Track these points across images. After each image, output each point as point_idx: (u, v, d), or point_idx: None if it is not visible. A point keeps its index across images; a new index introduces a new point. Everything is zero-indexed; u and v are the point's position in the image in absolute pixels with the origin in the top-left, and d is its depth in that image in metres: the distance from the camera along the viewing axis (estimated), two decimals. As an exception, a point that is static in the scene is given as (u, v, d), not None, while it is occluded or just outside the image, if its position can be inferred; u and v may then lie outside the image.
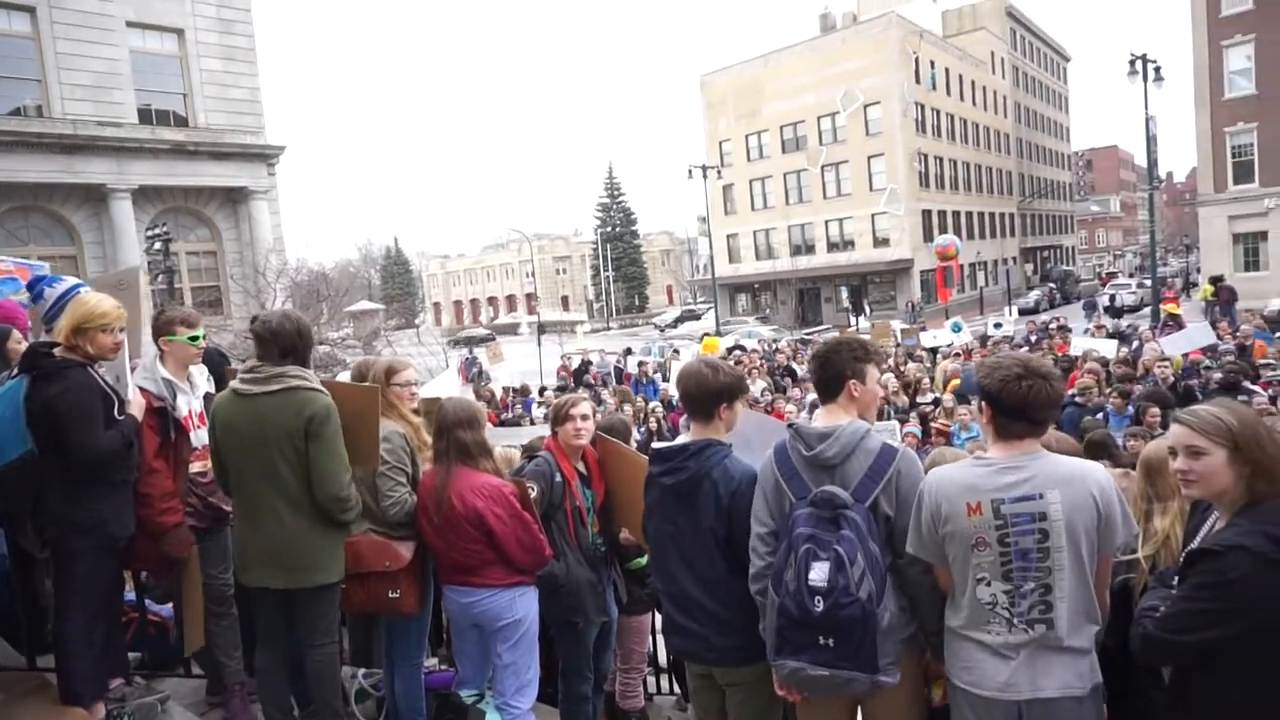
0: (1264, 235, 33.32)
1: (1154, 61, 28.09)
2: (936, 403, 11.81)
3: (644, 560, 4.23)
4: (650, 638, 4.71)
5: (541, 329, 36.18)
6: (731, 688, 3.04)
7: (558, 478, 3.89)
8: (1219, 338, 13.55)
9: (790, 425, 2.89)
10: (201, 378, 3.99)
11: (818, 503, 2.60)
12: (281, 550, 3.38)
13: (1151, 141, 30.36)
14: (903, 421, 10.30)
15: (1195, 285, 37.49)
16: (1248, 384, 9.45)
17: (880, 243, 46.72)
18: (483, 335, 49.46)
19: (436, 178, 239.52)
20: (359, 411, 3.53)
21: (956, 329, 18.74)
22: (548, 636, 4.11)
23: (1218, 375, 9.78)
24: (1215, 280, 27.75)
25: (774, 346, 24.55)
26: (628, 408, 12.76)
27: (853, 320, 39.70)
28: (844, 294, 48.53)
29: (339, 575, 3.50)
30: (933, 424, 10.84)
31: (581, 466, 4.03)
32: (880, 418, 9.68)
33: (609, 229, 76.22)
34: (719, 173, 49.07)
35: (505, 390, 17.16)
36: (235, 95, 20.42)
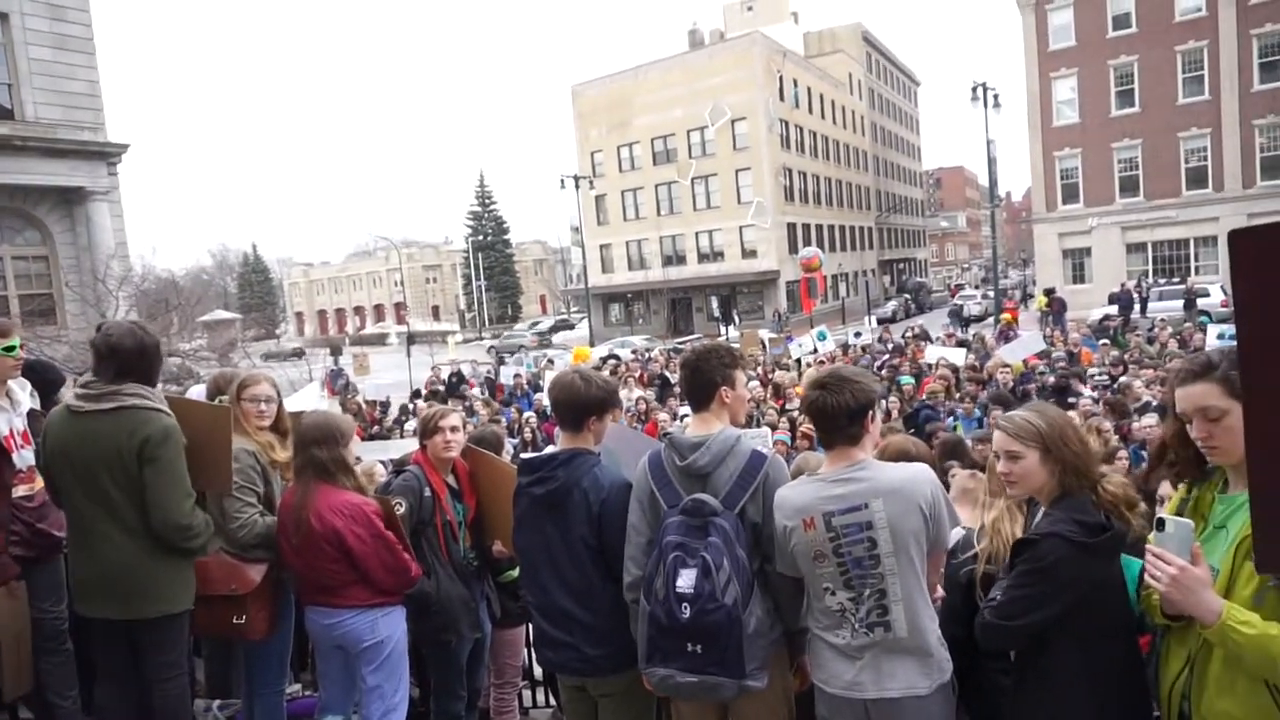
0: (1088, 251, 36.48)
1: (993, 89, 30.36)
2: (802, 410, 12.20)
3: (516, 573, 4.18)
4: (524, 650, 4.66)
5: (411, 339, 35.26)
6: (604, 698, 3.04)
7: (427, 492, 3.80)
8: (1052, 344, 14.71)
9: (665, 435, 2.93)
10: (23, 393, 3.68)
11: (688, 510, 2.65)
12: (119, 578, 3.15)
13: (992, 163, 32.69)
14: (773, 428, 10.60)
15: (1032, 296, 40.45)
16: (1078, 386, 10.30)
17: (748, 254, 48.07)
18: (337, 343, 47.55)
19: (298, 183, 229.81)
20: (209, 431, 3.33)
21: (821, 338, 19.44)
22: (419, 655, 4.00)
23: (1051, 379, 10.61)
24: (1048, 292, 30.14)
25: (647, 355, 24.81)
26: (484, 412, 12.61)
27: (722, 329, 40.59)
28: (714, 304, 49.60)
29: (186, 604, 3.29)
30: (800, 429, 11.21)
31: (452, 480, 3.95)
32: (750, 424, 9.95)
33: (481, 237, 75.12)
34: (591, 183, 49.32)
35: (370, 403, 16.59)
36: (71, 88, 18.85)
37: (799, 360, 18.21)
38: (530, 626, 4.15)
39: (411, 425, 11.86)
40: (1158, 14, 33.76)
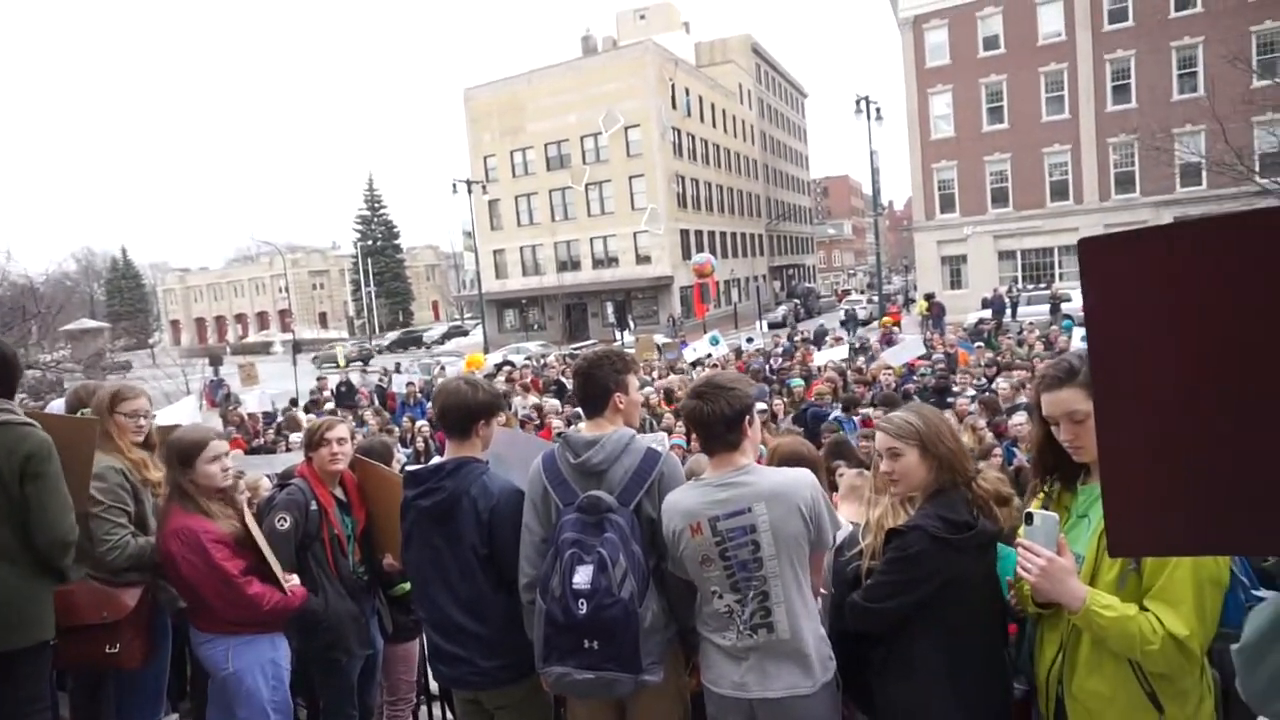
0: (964, 258, 38.47)
1: (876, 103, 31.64)
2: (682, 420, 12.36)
3: (409, 586, 4.08)
4: (419, 665, 4.55)
5: (297, 348, 33.99)
6: (500, 710, 3.01)
7: (313, 506, 3.66)
8: (931, 347, 15.42)
9: (559, 434, 2.93)
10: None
11: (584, 508, 2.65)
12: None
13: (875, 173, 34.07)
14: (669, 432, 10.70)
15: (913, 301, 42.30)
16: (955, 386, 10.82)
17: (642, 260, 48.44)
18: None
19: (171, 183, 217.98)
20: (71, 447, 3.11)
21: (715, 342, 19.77)
22: (308, 676, 3.85)
23: (931, 380, 11.12)
24: (928, 297, 31.62)
25: (543, 361, 24.67)
26: (374, 422, 12.28)
27: (618, 335, 40.78)
28: (609, 309, 49.76)
29: (47, 633, 3.06)
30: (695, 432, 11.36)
31: (340, 492, 3.82)
32: (644, 429, 10.01)
33: (370, 242, 73.10)
34: (484, 188, 48.73)
35: (254, 415, 15.87)
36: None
37: (695, 363, 18.47)
38: (424, 641, 4.07)
39: (297, 437, 11.40)
40: (1023, 37, 35.98)
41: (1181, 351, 0.93)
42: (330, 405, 16.64)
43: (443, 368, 24.55)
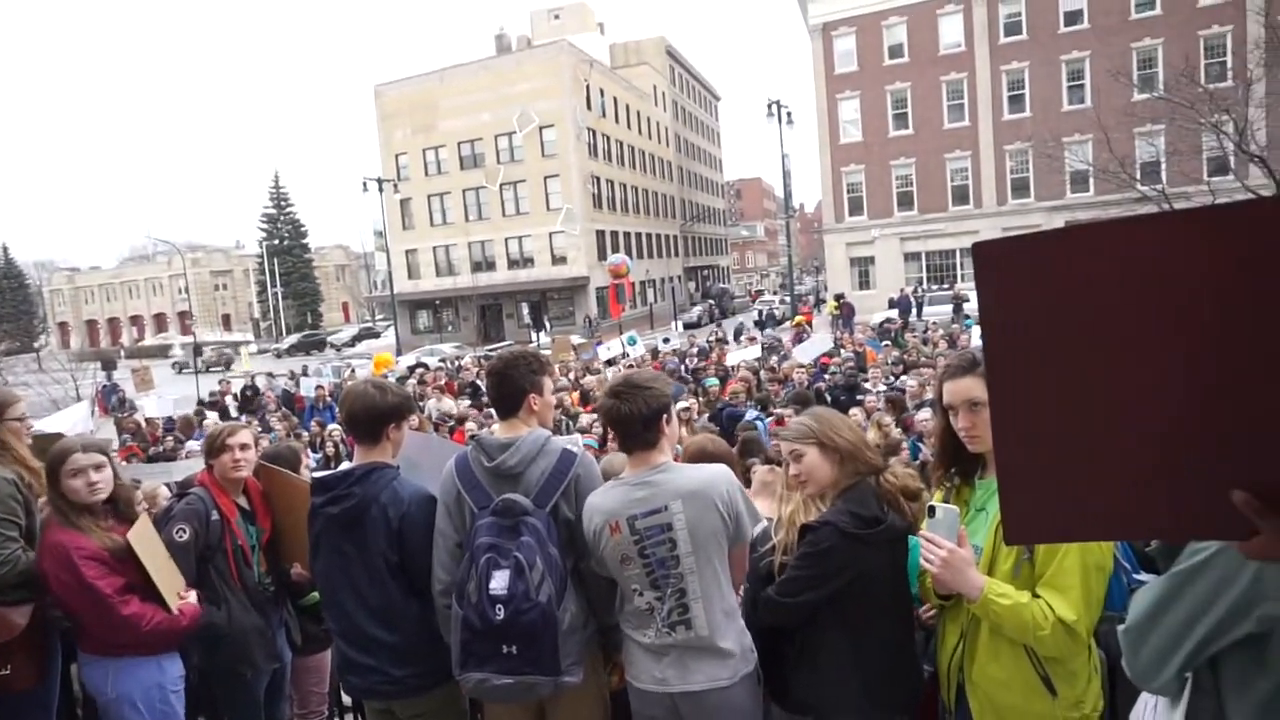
0: (872, 260, 39.68)
1: (787, 107, 32.27)
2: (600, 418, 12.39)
3: (316, 597, 3.96)
4: (330, 676, 4.42)
5: (198, 351, 32.62)
6: (414, 719, 2.95)
7: (214, 516, 3.51)
8: (841, 346, 15.84)
9: (473, 437, 2.90)
10: None
11: (499, 511, 2.63)
12: None
13: (787, 176, 34.76)
14: (583, 432, 10.69)
15: (824, 301, 43.33)
16: (864, 384, 11.14)
17: (558, 260, 48.26)
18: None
19: (58, 179, 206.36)
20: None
21: (632, 342, 19.84)
22: (211, 693, 3.69)
23: (840, 379, 11.42)
24: (838, 297, 32.41)
25: (457, 364, 24.31)
26: (281, 427, 11.90)
27: (534, 336, 40.55)
28: (525, 310, 49.41)
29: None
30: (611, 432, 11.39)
31: (244, 501, 3.68)
32: (559, 430, 9.98)
33: (276, 241, 70.61)
34: (396, 186, 47.72)
35: (151, 421, 15.16)
36: None
37: (611, 363, 18.50)
38: (335, 651, 3.96)
39: (194, 445, 10.93)
40: (925, 46, 37.33)
41: (1069, 348, 0.98)
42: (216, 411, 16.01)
43: (353, 370, 23.90)
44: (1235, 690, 1.69)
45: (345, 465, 3.01)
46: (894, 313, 27.98)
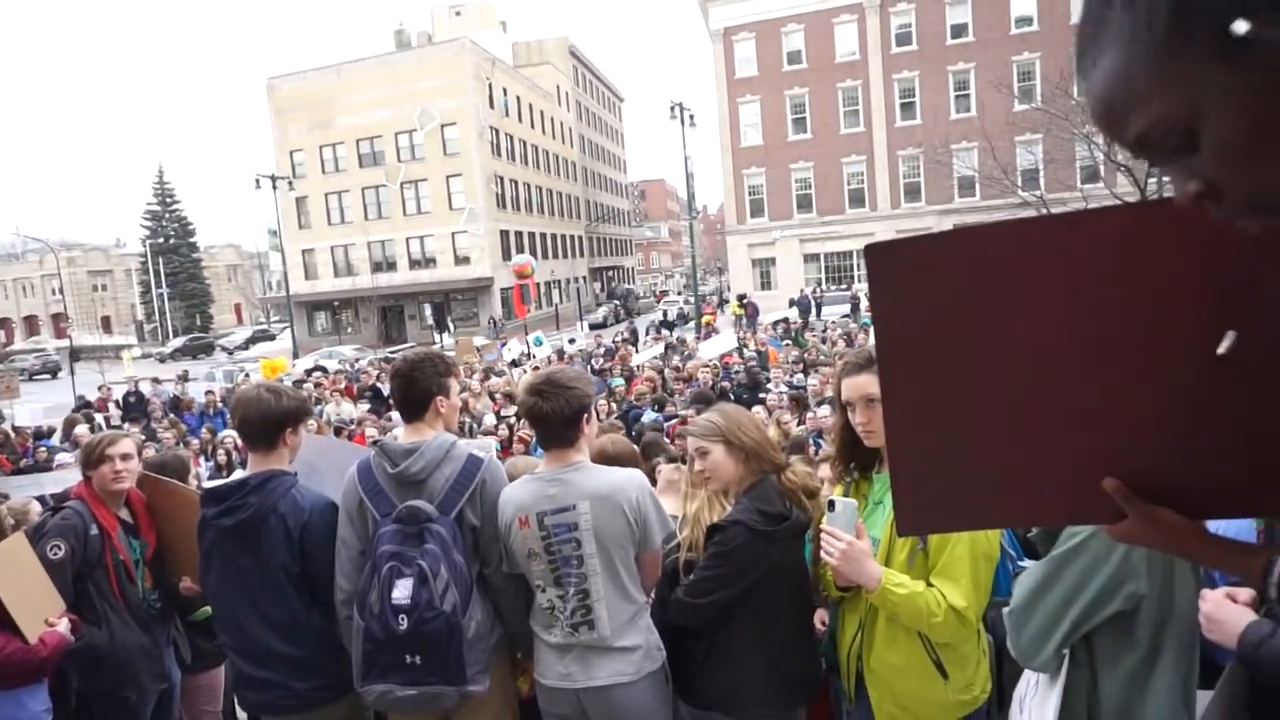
0: (773, 261, 40.56)
1: (689, 110, 32.61)
2: (520, 415, 12.31)
3: (209, 611, 3.79)
4: (224, 694, 4.23)
5: (75, 355, 30.75)
6: (315, 733, 2.86)
7: (93, 530, 3.32)
8: (745, 346, 16.14)
9: (375, 443, 2.82)
10: None
11: (402, 518, 2.57)
12: None
13: (690, 178, 35.10)
14: (488, 433, 10.56)
15: (727, 301, 44.05)
16: (769, 383, 11.38)
17: (461, 261, 47.51)
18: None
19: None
20: None
21: (538, 343, 19.73)
22: (93, 718, 3.49)
23: (743, 377, 11.63)
24: (741, 298, 33.02)
25: (357, 367, 23.64)
26: (169, 435, 11.35)
27: (437, 337, 39.80)
28: (428, 311, 48.46)
29: None
30: (518, 434, 11.29)
31: (126, 514, 3.49)
32: (464, 431, 9.85)
33: (161, 240, 67.09)
34: (291, 184, 46.00)
35: (20, 430, 14.19)
36: None
37: (515, 364, 18.34)
38: (229, 668, 3.79)
39: (66, 456, 10.29)
40: (822, 53, 38.41)
41: (955, 346, 1.03)
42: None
43: (246, 374, 22.94)
44: (1107, 664, 1.82)
45: (239, 473, 2.88)
46: (792, 312, 28.67)
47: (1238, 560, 1.05)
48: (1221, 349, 0.90)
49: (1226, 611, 1.70)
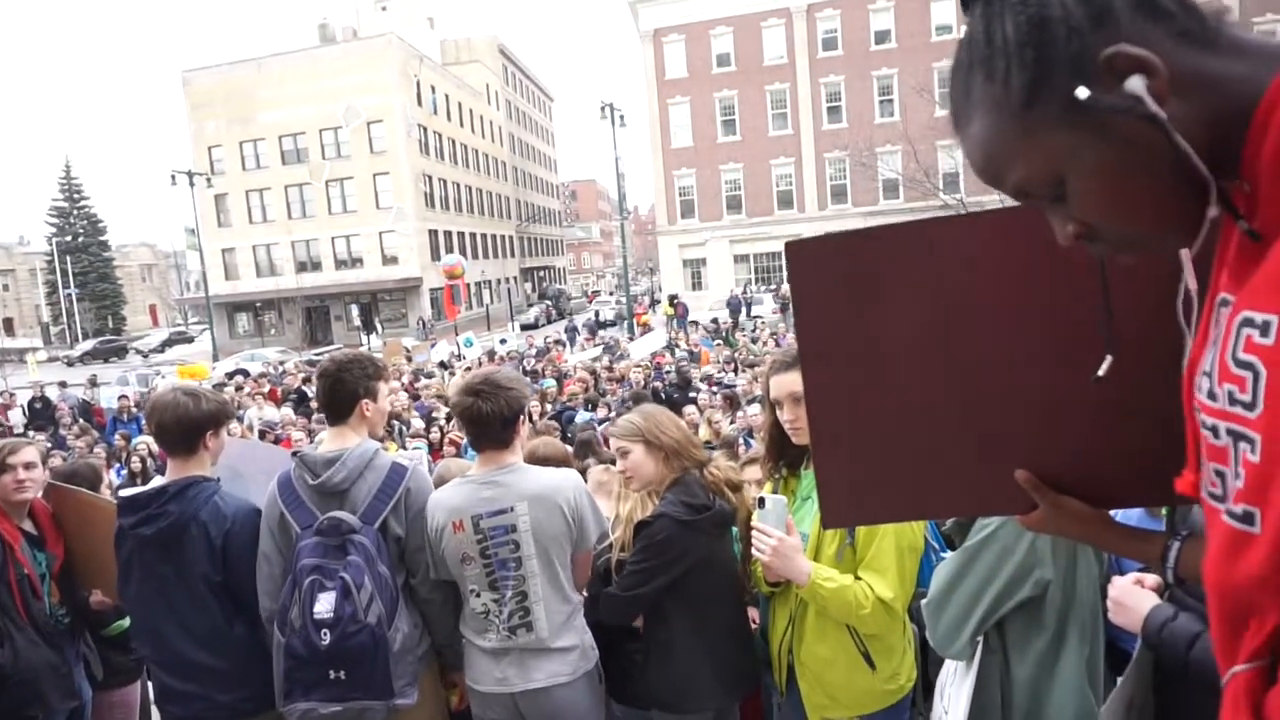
0: (704, 261, 40.92)
1: (620, 111, 32.65)
2: (450, 417, 12.16)
3: (128, 622, 3.64)
4: (142, 710, 4.07)
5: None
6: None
7: (-6, 543, 3.15)
8: (676, 345, 16.26)
9: (295, 453, 2.73)
10: None
11: (324, 530, 2.51)
12: None
13: (620, 178, 35.18)
14: (417, 436, 10.40)
15: (659, 302, 44.26)
16: (698, 382, 11.48)
17: (389, 261, 46.65)
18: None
19: None
20: None
21: (468, 344, 19.52)
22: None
23: (674, 377, 11.71)
24: (672, 298, 33.19)
25: (281, 369, 23.01)
26: (80, 443, 10.88)
27: (364, 339, 39.01)
28: (354, 312, 47.46)
29: None
30: (448, 437, 11.14)
31: (30, 525, 3.32)
32: (397, 437, 9.68)
33: (69, 238, 64.11)
34: (209, 181, 44.42)
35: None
36: None
37: (446, 365, 18.11)
38: (147, 682, 3.65)
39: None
40: (750, 56, 38.91)
41: (873, 342, 1.05)
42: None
43: (163, 378, 22.09)
44: (1017, 648, 1.91)
45: (158, 481, 2.78)
46: (723, 313, 28.98)
47: (1139, 546, 1.10)
48: (1100, 372, 0.94)
49: (1132, 597, 1.79)
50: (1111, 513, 1.10)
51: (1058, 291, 0.97)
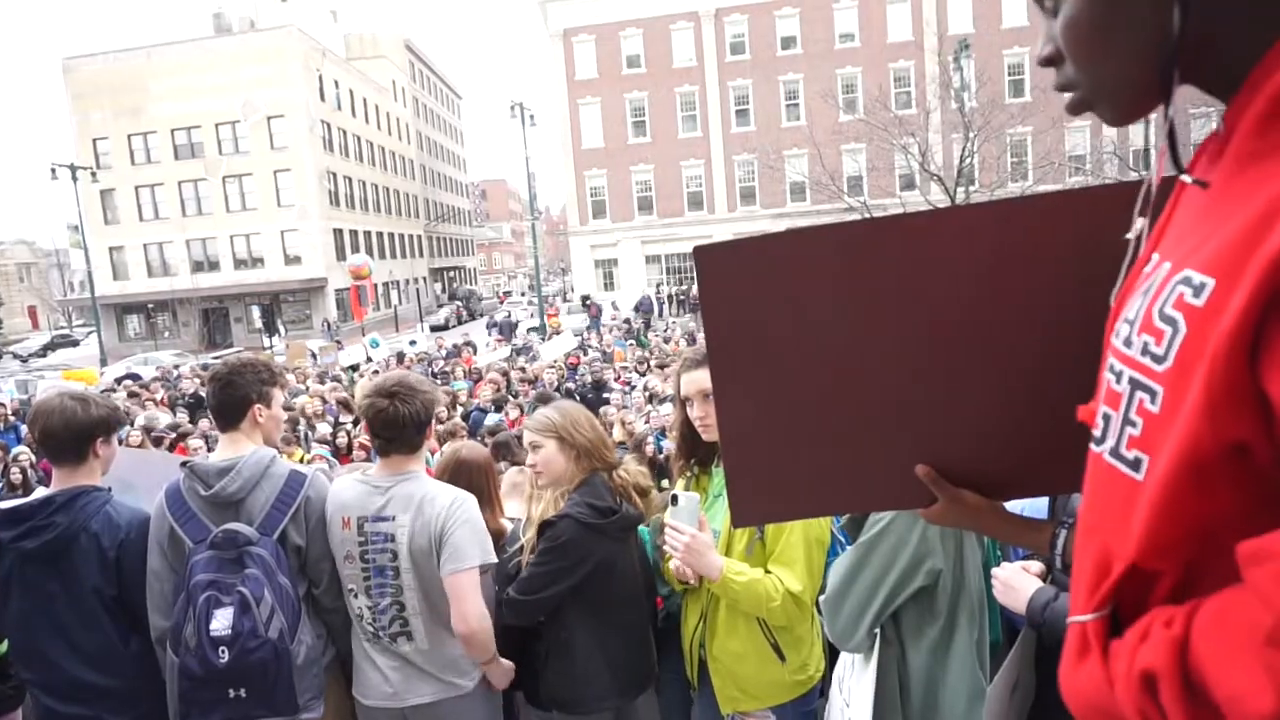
0: (616, 262, 41.04)
1: (530, 110, 32.44)
2: (358, 421, 11.85)
3: (4, 646, 3.42)
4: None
5: None
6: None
7: None
8: (589, 346, 16.27)
9: (185, 464, 2.61)
10: None
11: (218, 544, 2.41)
12: None
13: (531, 178, 34.99)
14: (323, 442, 10.11)
15: (570, 302, 44.17)
16: (611, 382, 11.52)
17: (292, 260, 45.12)
18: None
19: None
20: None
21: (375, 345, 19.08)
22: None
23: (589, 378, 11.73)
24: (585, 299, 33.18)
25: (176, 373, 21.98)
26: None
27: (266, 341, 37.67)
28: (256, 313, 45.75)
29: None
30: (357, 441, 10.86)
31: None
32: (303, 441, 9.39)
33: (-65, 235, 59.85)
34: (94, 175, 42.07)
35: None
36: None
37: (354, 368, 17.65)
38: (30, 709, 3.43)
39: None
40: (660, 58, 39.23)
41: (780, 343, 1.09)
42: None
43: (47, 382, 20.82)
44: (912, 638, 2.00)
45: (41, 491, 2.62)
46: (632, 314, 29.15)
47: (1030, 535, 1.16)
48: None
49: (1019, 580, 1.92)
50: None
51: (955, 292, 1.02)
